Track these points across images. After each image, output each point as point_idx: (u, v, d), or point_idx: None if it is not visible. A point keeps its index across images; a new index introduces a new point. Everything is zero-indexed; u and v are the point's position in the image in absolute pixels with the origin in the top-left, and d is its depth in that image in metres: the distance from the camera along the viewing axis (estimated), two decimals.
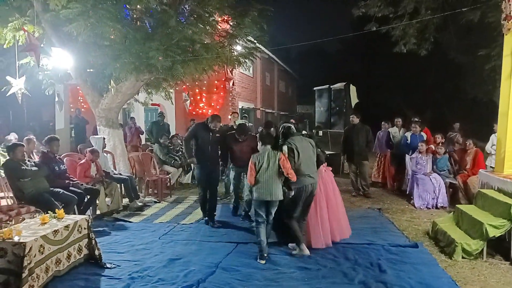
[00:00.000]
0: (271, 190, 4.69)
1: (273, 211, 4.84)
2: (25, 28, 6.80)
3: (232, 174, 6.88)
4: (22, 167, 5.60)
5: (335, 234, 5.30)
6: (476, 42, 11.69)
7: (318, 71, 33.39)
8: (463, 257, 4.71)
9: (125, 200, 7.52)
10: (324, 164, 5.45)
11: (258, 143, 4.93)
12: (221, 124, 6.66)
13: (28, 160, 5.89)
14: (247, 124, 9.29)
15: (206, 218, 6.43)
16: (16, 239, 3.74)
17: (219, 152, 6.56)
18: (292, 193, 4.78)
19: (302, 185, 4.81)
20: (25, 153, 6.00)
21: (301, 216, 5.02)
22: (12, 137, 8.33)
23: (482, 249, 4.72)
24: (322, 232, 5.14)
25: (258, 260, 4.68)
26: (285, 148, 4.79)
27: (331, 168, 5.70)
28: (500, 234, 4.64)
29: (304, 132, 5.36)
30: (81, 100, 14.72)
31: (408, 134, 8.64)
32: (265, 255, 4.72)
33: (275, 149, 4.84)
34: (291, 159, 4.76)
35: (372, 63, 28.11)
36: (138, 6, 7.31)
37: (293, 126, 5.24)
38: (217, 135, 6.35)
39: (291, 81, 30.31)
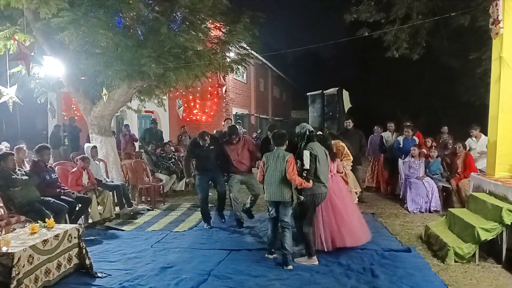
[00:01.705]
0: (278, 191, 4.66)
1: (287, 212, 4.75)
2: (15, 37, 6.78)
3: (232, 183, 6.62)
4: (13, 176, 5.55)
5: (344, 240, 5.12)
6: (467, 46, 11.79)
7: (313, 76, 33.54)
8: (455, 261, 4.72)
9: (118, 209, 7.47)
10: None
11: (272, 143, 4.97)
12: (215, 131, 6.84)
13: (19, 169, 5.85)
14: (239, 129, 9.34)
15: (206, 223, 6.66)
16: (4, 249, 3.70)
17: (219, 161, 6.71)
18: (302, 198, 4.68)
19: (318, 193, 4.75)
20: (15, 162, 5.95)
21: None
22: (3, 147, 8.26)
23: (474, 253, 4.73)
24: (323, 236, 5.08)
25: (266, 255, 4.82)
26: (306, 152, 4.67)
27: (339, 174, 5.70)
28: (492, 237, 4.65)
29: (319, 132, 5.31)
30: (74, 108, 14.67)
31: (401, 138, 8.67)
32: (273, 250, 4.78)
33: (291, 151, 4.84)
34: (312, 164, 4.67)
35: (366, 68, 28.23)
36: (130, 14, 7.32)
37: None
38: (211, 147, 6.56)
39: (286, 86, 30.40)
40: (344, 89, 13.39)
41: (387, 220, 6.83)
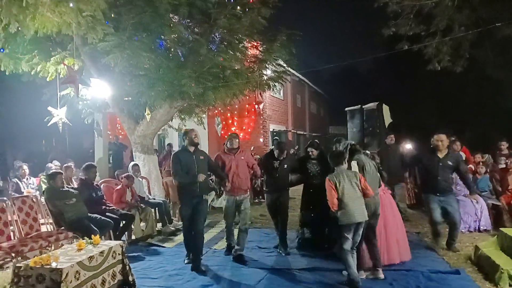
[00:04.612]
0: (361, 211, 4.47)
1: (361, 232, 4.57)
2: (65, 62, 7.20)
3: (226, 211, 5.93)
4: (62, 189, 5.84)
5: (393, 256, 5.16)
6: None
7: (350, 91, 33.10)
8: (510, 285, 4.42)
9: (160, 225, 7.62)
10: (382, 185, 5.32)
11: (331, 163, 4.75)
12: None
13: (67, 186, 6.13)
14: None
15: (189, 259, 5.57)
16: (53, 265, 3.85)
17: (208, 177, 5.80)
18: None
19: (368, 203, 4.66)
20: (63, 180, 6.25)
21: (370, 237, 4.85)
22: (53, 165, 8.70)
23: None
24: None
25: None
26: (354, 163, 4.66)
27: (390, 192, 5.65)
28: None
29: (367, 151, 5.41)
30: (118, 128, 15.26)
31: None
32: (360, 285, 4.45)
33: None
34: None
35: (406, 82, 27.59)
36: (171, 36, 7.60)
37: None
38: (201, 157, 5.51)
39: (323, 102, 30.20)
40: (384, 104, 13.10)
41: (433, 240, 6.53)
